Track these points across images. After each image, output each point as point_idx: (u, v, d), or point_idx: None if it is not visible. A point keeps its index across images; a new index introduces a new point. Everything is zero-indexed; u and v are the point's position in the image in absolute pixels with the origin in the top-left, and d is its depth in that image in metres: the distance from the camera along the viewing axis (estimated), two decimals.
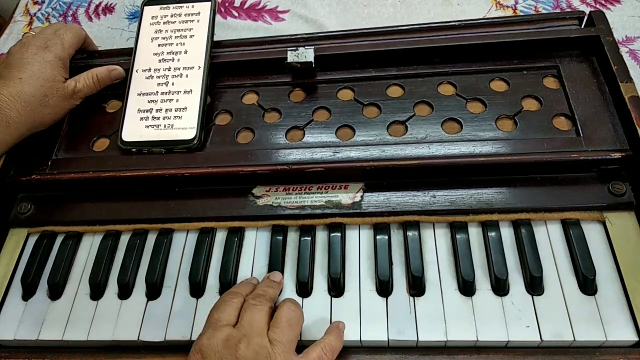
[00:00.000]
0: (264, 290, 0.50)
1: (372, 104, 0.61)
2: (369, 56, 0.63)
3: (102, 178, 0.60)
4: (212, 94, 0.65)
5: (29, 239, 0.61)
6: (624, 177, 0.54)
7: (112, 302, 0.55)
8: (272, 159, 0.57)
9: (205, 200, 0.59)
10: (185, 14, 0.68)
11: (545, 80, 0.60)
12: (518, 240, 0.53)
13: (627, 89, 0.55)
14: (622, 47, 0.71)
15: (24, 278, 0.58)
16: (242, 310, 0.48)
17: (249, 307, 0.47)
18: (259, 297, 0.49)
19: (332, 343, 0.47)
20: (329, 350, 0.46)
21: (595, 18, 0.61)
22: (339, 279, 0.52)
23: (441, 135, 0.57)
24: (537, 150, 0.54)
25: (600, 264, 0.50)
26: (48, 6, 0.95)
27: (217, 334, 0.44)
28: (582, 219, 0.53)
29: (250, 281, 0.53)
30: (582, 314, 0.48)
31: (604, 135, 0.54)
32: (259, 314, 0.47)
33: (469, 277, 0.50)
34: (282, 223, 0.57)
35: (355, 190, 0.57)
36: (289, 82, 0.65)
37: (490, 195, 0.55)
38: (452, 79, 0.61)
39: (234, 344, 0.43)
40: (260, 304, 0.48)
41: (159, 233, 0.59)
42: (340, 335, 0.49)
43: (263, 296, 0.49)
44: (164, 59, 0.65)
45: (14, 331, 0.55)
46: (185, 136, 0.60)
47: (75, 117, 0.66)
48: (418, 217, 0.55)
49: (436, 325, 0.49)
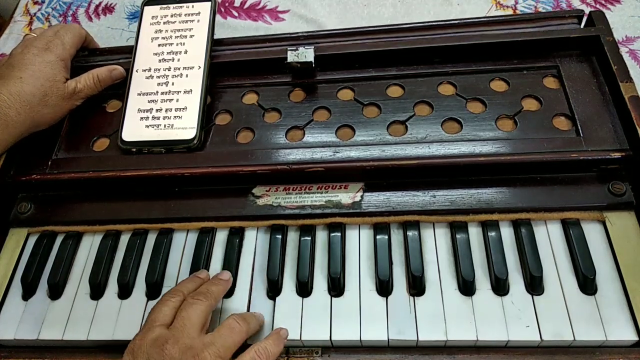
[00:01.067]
0: (206, 288, 0.50)
1: (372, 103, 0.61)
2: (369, 56, 0.63)
3: (102, 178, 0.60)
4: (212, 94, 0.65)
5: (29, 239, 0.61)
6: (624, 177, 0.54)
7: (112, 302, 0.55)
8: (272, 158, 0.57)
9: (205, 200, 0.59)
10: (185, 14, 0.68)
11: (545, 80, 0.60)
12: (518, 240, 0.53)
13: (627, 89, 0.55)
14: (622, 47, 0.71)
15: (24, 278, 0.58)
16: (179, 308, 0.48)
17: (186, 306, 0.47)
18: (199, 295, 0.49)
19: (268, 347, 0.47)
20: (264, 353, 0.46)
21: (595, 18, 0.61)
22: (339, 279, 0.52)
23: (441, 135, 0.57)
24: (537, 150, 0.54)
25: (600, 263, 0.50)
26: (48, 6, 0.95)
27: (149, 334, 0.45)
28: (582, 218, 0.53)
29: (197, 275, 0.53)
30: (582, 314, 0.48)
31: (604, 135, 0.54)
32: (195, 313, 0.47)
33: (469, 276, 0.50)
34: (282, 223, 0.57)
35: (355, 190, 0.57)
36: (289, 82, 0.65)
37: (490, 195, 0.55)
38: (452, 79, 0.61)
39: (162, 343, 0.44)
40: (198, 302, 0.48)
41: (159, 233, 0.59)
42: (280, 341, 0.49)
43: (204, 294, 0.49)
44: (164, 59, 0.65)
45: (14, 331, 0.55)
46: (185, 136, 0.60)
47: (75, 117, 0.66)
48: (418, 217, 0.55)
49: (436, 325, 0.49)
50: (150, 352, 0.43)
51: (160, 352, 0.43)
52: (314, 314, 0.51)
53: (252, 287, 0.54)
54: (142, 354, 0.44)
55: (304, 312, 0.51)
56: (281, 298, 0.53)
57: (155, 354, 0.43)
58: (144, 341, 0.44)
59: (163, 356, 0.43)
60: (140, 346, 0.44)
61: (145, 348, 0.44)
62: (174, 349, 0.43)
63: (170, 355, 0.43)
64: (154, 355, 0.43)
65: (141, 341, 0.45)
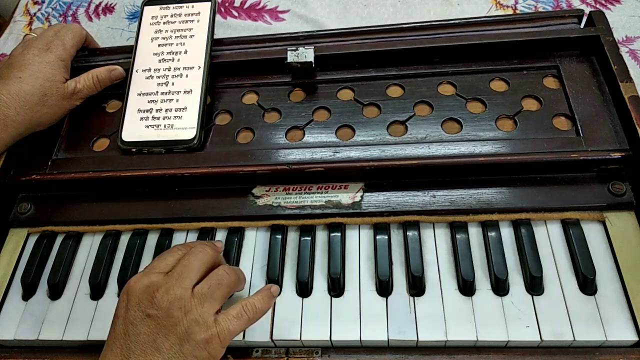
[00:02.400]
0: (213, 242, 0.51)
1: (372, 104, 0.61)
2: (369, 56, 0.63)
3: (102, 178, 0.60)
4: (212, 94, 0.65)
5: (29, 239, 0.61)
6: (624, 177, 0.54)
7: (112, 302, 0.55)
8: (272, 159, 0.57)
9: (205, 200, 0.59)
10: (185, 14, 0.68)
11: (545, 80, 0.60)
12: (518, 240, 0.53)
13: (627, 88, 0.55)
14: (622, 47, 0.71)
15: (24, 278, 0.58)
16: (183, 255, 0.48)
17: (189, 254, 0.48)
18: (204, 246, 0.49)
19: (256, 303, 0.47)
20: (251, 309, 0.46)
21: (595, 18, 0.61)
22: (339, 279, 0.52)
23: (441, 135, 0.57)
24: (537, 150, 0.54)
25: (600, 263, 0.50)
26: (48, 6, 0.95)
27: (144, 279, 0.46)
28: (582, 219, 0.53)
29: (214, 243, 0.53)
30: (582, 314, 0.48)
31: (604, 135, 0.54)
32: (195, 263, 0.47)
33: (469, 277, 0.50)
34: (282, 223, 0.57)
35: (355, 190, 0.57)
36: (289, 82, 0.65)
37: (490, 195, 0.55)
38: (452, 79, 0.61)
39: (153, 290, 0.44)
40: (201, 252, 0.48)
41: (159, 233, 0.59)
42: (269, 298, 0.48)
43: (210, 246, 0.49)
44: (164, 59, 0.65)
45: (14, 331, 0.55)
46: (185, 136, 0.60)
47: (75, 117, 0.66)
48: (418, 217, 0.55)
49: (436, 325, 0.49)
50: (140, 297, 0.44)
51: (150, 299, 0.44)
52: (313, 314, 0.51)
53: (251, 287, 0.54)
54: (134, 297, 0.45)
55: (303, 312, 0.51)
56: (281, 298, 0.53)
57: (145, 300, 0.44)
58: (138, 285, 0.45)
59: (152, 304, 0.44)
60: (133, 288, 0.45)
61: (137, 293, 0.45)
62: (164, 298, 0.44)
63: (158, 304, 0.44)
64: (144, 302, 0.44)
65: (135, 284, 0.45)
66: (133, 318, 0.44)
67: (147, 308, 0.44)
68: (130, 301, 0.45)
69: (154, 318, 0.43)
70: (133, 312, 0.44)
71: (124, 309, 0.45)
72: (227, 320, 0.45)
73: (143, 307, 0.44)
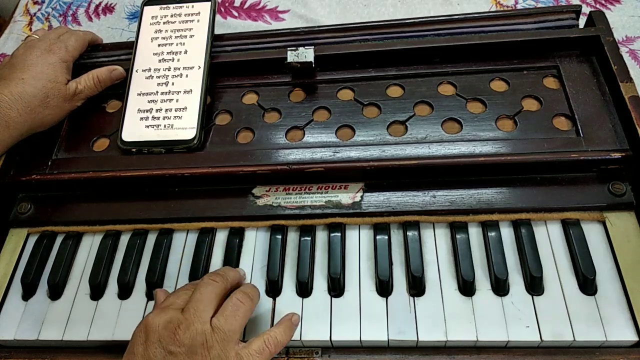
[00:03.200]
0: (224, 271, 0.50)
1: (372, 104, 0.61)
2: (369, 56, 0.63)
3: (102, 178, 0.60)
4: (212, 94, 0.65)
5: (29, 239, 0.61)
6: (624, 177, 0.54)
7: (112, 302, 0.55)
8: (272, 159, 0.57)
9: (205, 200, 0.59)
10: (185, 14, 0.68)
11: (545, 80, 0.60)
12: (518, 240, 0.53)
13: (627, 89, 0.55)
14: (622, 47, 0.71)
15: (24, 278, 0.58)
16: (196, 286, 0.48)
17: (201, 286, 0.47)
18: (215, 276, 0.49)
19: (277, 336, 0.47)
20: (272, 343, 0.46)
21: (595, 18, 0.61)
22: (339, 279, 0.52)
23: (441, 135, 0.57)
24: (537, 150, 0.54)
25: (600, 264, 0.50)
26: (48, 6, 0.95)
27: (163, 315, 0.45)
28: (582, 219, 0.53)
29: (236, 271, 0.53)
30: (582, 314, 0.48)
31: (604, 135, 0.54)
32: (208, 296, 0.46)
33: (469, 277, 0.50)
34: (282, 223, 0.57)
35: (355, 190, 0.57)
36: (289, 82, 0.65)
37: (490, 195, 0.55)
38: (452, 79, 0.61)
39: (174, 327, 0.44)
40: (213, 283, 0.48)
41: (159, 233, 0.59)
42: (290, 329, 0.48)
43: (221, 276, 0.49)
44: (164, 59, 0.65)
45: (14, 331, 0.55)
46: (185, 136, 0.60)
47: (75, 117, 0.66)
48: (418, 217, 0.55)
49: (436, 325, 0.49)
50: (162, 334, 0.44)
51: (172, 336, 0.43)
52: (314, 314, 0.51)
53: None
54: (154, 335, 0.44)
55: (304, 312, 0.52)
56: (281, 298, 0.53)
57: (166, 336, 0.43)
58: (157, 320, 0.44)
59: (174, 340, 0.43)
60: (152, 326, 0.44)
61: (158, 329, 0.44)
62: (186, 334, 0.43)
63: (180, 340, 0.43)
64: (165, 338, 0.43)
65: (153, 320, 0.45)
66: (153, 355, 0.43)
67: (168, 345, 0.43)
68: (149, 338, 0.44)
69: (176, 355, 0.43)
70: (154, 349, 0.43)
71: (142, 346, 0.44)
72: (250, 356, 0.45)
73: (164, 343, 0.43)
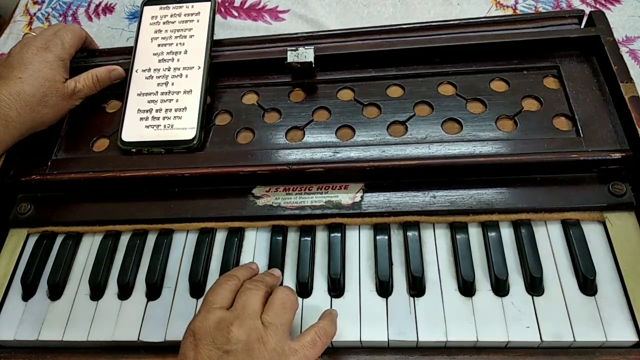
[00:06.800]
0: (262, 277, 0.50)
1: (372, 104, 0.61)
2: (369, 56, 0.63)
3: (102, 178, 0.60)
4: (212, 94, 0.65)
5: (29, 239, 0.61)
6: (624, 177, 0.54)
7: (112, 303, 0.55)
8: (272, 159, 0.57)
9: (205, 201, 0.59)
10: (185, 14, 0.68)
11: (545, 80, 0.60)
12: (518, 241, 0.53)
13: (627, 89, 0.55)
14: (622, 47, 0.71)
15: (24, 278, 0.58)
16: (237, 293, 0.47)
17: (245, 291, 0.47)
18: (255, 282, 0.49)
19: (327, 328, 0.47)
20: (323, 334, 0.46)
21: (595, 18, 0.61)
22: (339, 279, 0.52)
23: (441, 136, 0.57)
24: (537, 150, 0.54)
25: (600, 264, 0.50)
26: (48, 6, 0.95)
27: (210, 316, 0.44)
28: (582, 219, 0.53)
29: (249, 266, 0.53)
30: (582, 315, 0.48)
31: (604, 135, 0.54)
32: (254, 298, 0.46)
33: (469, 277, 0.50)
34: (282, 223, 0.57)
35: (355, 191, 0.57)
36: (289, 82, 0.65)
37: (490, 195, 0.55)
38: (452, 79, 0.61)
39: (226, 325, 0.43)
40: (256, 288, 0.47)
41: (159, 233, 0.59)
42: (334, 322, 0.49)
43: (260, 281, 0.49)
44: (164, 59, 0.65)
45: (14, 331, 0.55)
46: (185, 136, 0.60)
47: (75, 117, 0.66)
48: (418, 218, 0.55)
49: (436, 326, 0.49)
50: (214, 335, 0.43)
51: (225, 335, 0.42)
52: (314, 315, 0.51)
53: None
54: (205, 336, 0.43)
55: (304, 312, 0.52)
56: None
57: (220, 336, 0.42)
58: (206, 323, 0.44)
59: (229, 339, 0.42)
60: (201, 328, 0.43)
61: (209, 331, 0.43)
62: (240, 331, 0.43)
63: (236, 338, 0.42)
64: (219, 338, 0.42)
65: (202, 323, 0.44)
66: (208, 357, 0.42)
67: (224, 344, 0.42)
68: (200, 341, 0.43)
69: (233, 353, 0.42)
70: (207, 352, 0.42)
71: (193, 351, 0.43)
72: (304, 347, 0.45)
73: (219, 344, 0.42)
